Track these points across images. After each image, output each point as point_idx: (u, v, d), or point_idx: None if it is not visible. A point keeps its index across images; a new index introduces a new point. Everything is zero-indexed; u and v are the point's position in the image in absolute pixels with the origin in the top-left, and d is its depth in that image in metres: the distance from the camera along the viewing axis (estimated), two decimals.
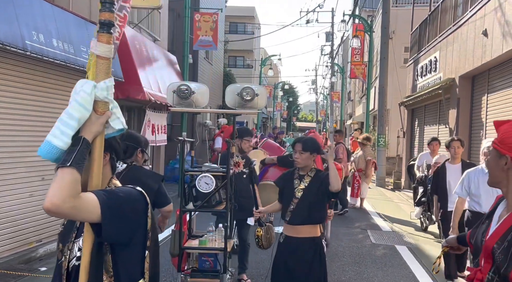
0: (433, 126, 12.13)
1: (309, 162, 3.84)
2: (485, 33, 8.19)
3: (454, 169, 5.56)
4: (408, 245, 7.35)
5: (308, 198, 3.75)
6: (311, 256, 3.71)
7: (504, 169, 1.75)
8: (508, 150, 1.73)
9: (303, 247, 3.75)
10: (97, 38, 1.59)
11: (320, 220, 3.83)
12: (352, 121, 32.53)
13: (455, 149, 5.54)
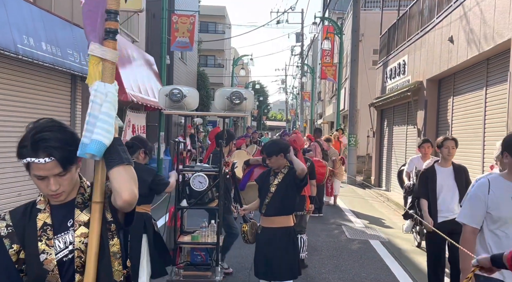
0: (402, 126, 12.71)
1: (280, 162, 4.24)
2: (451, 39, 8.74)
3: (445, 173, 4.76)
4: (380, 240, 7.80)
5: (281, 191, 4.17)
6: (284, 243, 4.14)
7: None
8: None
9: (277, 236, 4.16)
10: (103, 44, 1.81)
11: (291, 210, 4.26)
12: (323, 120, 33.22)
13: (449, 149, 4.71)
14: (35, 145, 1.56)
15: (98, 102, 1.72)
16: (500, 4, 6.72)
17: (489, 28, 7.06)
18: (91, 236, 1.64)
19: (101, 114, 1.70)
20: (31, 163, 1.56)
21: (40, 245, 1.62)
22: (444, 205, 4.70)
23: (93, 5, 1.84)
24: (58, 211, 1.68)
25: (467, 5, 8.04)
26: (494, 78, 7.35)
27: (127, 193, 1.59)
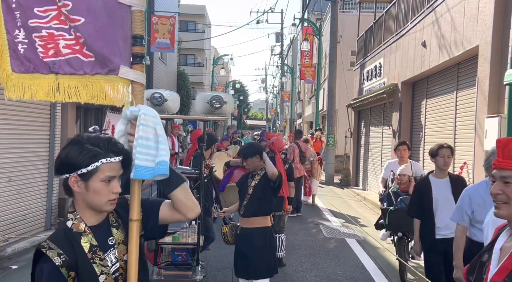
0: (378, 127, 13.04)
1: (256, 164, 4.39)
2: (424, 44, 9.06)
3: (441, 185, 4.25)
4: (356, 238, 8.05)
5: (257, 193, 4.32)
6: (261, 243, 4.29)
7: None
8: None
9: (255, 236, 4.31)
10: (133, 68, 1.96)
11: (268, 211, 4.39)
12: (302, 120, 33.55)
13: (444, 158, 4.18)
14: (108, 147, 1.66)
15: (150, 125, 1.82)
16: (468, 11, 7.03)
17: (459, 34, 7.37)
18: (130, 252, 1.73)
19: (160, 137, 1.83)
20: (104, 164, 1.64)
21: (96, 267, 1.64)
22: (441, 222, 4.16)
23: (103, 26, 1.93)
24: (99, 231, 1.71)
25: (438, 12, 8.35)
26: (464, 82, 7.67)
27: (196, 207, 1.83)
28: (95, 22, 1.97)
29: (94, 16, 1.98)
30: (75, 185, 1.63)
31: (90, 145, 1.64)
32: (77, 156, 1.61)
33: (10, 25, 2.00)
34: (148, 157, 1.81)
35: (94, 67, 1.97)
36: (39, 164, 7.35)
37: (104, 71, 1.96)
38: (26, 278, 1.79)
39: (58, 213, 7.87)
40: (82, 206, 1.68)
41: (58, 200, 7.84)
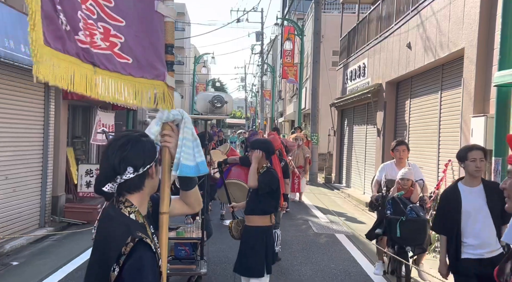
0: (362, 126, 13.36)
1: (257, 158, 4.38)
2: (409, 45, 9.37)
3: (474, 194, 3.53)
4: (345, 233, 8.30)
5: (255, 191, 4.38)
6: (253, 241, 4.34)
7: None
8: None
9: (250, 234, 4.40)
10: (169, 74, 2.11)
11: (265, 211, 4.37)
12: (284, 119, 33.82)
13: (476, 162, 3.48)
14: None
15: (190, 128, 1.99)
16: (454, 15, 7.34)
17: (444, 37, 7.68)
18: (161, 243, 1.87)
19: (197, 139, 2.01)
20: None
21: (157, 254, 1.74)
22: (475, 238, 3.46)
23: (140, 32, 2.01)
24: (148, 221, 1.82)
25: (424, 14, 8.66)
26: (448, 83, 7.99)
27: (201, 203, 2.14)
28: (134, 26, 2.02)
29: (132, 20, 2.02)
30: (154, 172, 1.77)
31: (143, 137, 1.80)
32: (149, 147, 1.77)
33: None
34: (191, 156, 1.97)
35: (135, 70, 2.00)
36: (33, 162, 7.35)
37: (150, 76, 2.03)
38: (27, 274, 1.86)
39: (52, 211, 7.87)
40: (145, 197, 1.78)
41: (51, 198, 7.84)
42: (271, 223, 4.42)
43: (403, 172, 5.20)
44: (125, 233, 1.60)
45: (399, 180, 5.19)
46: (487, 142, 5.78)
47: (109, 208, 1.75)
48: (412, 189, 5.21)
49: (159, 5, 2.10)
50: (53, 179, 7.84)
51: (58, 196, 8.04)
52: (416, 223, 4.83)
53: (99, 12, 1.87)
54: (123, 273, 1.54)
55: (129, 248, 1.55)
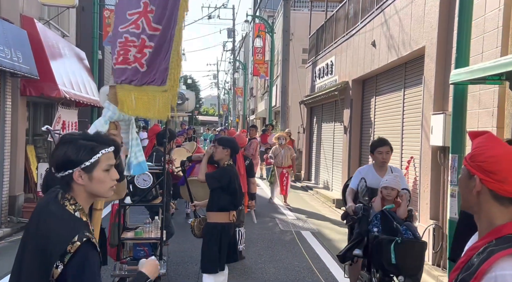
0: (330, 123, 13.46)
1: (222, 156, 4.41)
2: (374, 44, 9.46)
3: None
4: (311, 230, 8.34)
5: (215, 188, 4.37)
6: (208, 237, 4.35)
7: (473, 193, 1.47)
8: (478, 170, 1.45)
9: (207, 230, 4.41)
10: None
11: (221, 208, 4.35)
12: (255, 116, 33.80)
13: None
14: (101, 140, 1.78)
15: (135, 127, 2.07)
16: (415, 13, 7.44)
17: (406, 35, 7.78)
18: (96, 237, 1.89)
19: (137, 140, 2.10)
20: (104, 154, 1.75)
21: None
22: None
23: (168, 38, 2.07)
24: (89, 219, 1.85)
25: (387, 13, 8.76)
26: (411, 80, 8.11)
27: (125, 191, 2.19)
28: (168, 30, 2.05)
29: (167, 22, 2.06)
30: (79, 178, 1.72)
31: (85, 140, 1.75)
32: (76, 152, 1.71)
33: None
34: (134, 156, 2.00)
35: (147, 77, 2.06)
36: None
37: (158, 82, 2.07)
38: None
39: (9, 211, 7.60)
40: (84, 197, 1.77)
41: (8, 197, 7.57)
42: (230, 221, 4.38)
43: (388, 179, 4.24)
44: (71, 231, 1.62)
45: (382, 189, 4.23)
46: (445, 139, 5.88)
47: (49, 203, 1.74)
48: (398, 201, 4.23)
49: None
50: (10, 178, 7.57)
51: (16, 195, 7.77)
52: (415, 246, 3.86)
53: (145, 26, 2.00)
54: (67, 271, 1.57)
55: (75, 247, 1.59)
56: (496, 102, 5.04)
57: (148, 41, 1.98)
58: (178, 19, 2.00)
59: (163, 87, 1.99)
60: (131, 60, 1.97)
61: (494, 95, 5.11)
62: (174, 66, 1.99)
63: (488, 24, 5.30)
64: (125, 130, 2.14)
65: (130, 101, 2.00)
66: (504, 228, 1.44)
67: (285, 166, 10.85)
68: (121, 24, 1.99)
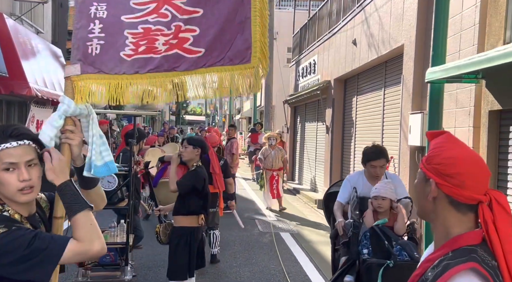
0: (313, 123, 13.33)
1: (191, 156, 4.23)
2: (355, 42, 9.35)
3: None
4: (290, 232, 8.19)
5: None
6: (176, 242, 4.16)
7: (429, 199, 1.32)
8: (434, 173, 1.30)
9: (173, 235, 4.22)
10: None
11: (190, 211, 4.13)
12: (241, 116, 33.63)
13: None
14: (5, 134, 1.57)
15: (97, 123, 1.91)
16: (394, 11, 7.33)
17: (386, 33, 7.67)
18: None
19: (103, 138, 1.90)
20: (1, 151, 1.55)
21: None
22: None
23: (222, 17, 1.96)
24: (33, 221, 1.68)
25: (368, 11, 8.64)
26: (390, 79, 8.00)
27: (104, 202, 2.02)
28: (216, 12, 1.92)
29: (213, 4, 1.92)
30: None
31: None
32: None
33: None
34: (99, 156, 1.85)
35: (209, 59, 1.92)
36: None
37: (236, 62, 1.93)
38: None
39: None
40: (5, 199, 1.61)
41: None
42: (199, 224, 4.19)
43: (378, 187, 3.64)
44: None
45: (372, 200, 3.64)
46: (423, 138, 5.77)
47: None
48: (394, 213, 3.61)
49: None
50: None
51: None
52: (411, 269, 2.92)
53: (174, 13, 1.89)
54: None
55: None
56: (473, 101, 4.94)
57: (184, 26, 1.88)
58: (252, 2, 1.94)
59: (248, 65, 1.92)
60: (160, 48, 1.88)
61: (470, 94, 5.00)
62: (258, 45, 1.93)
63: (465, 21, 5.20)
64: (87, 127, 1.93)
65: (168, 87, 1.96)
66: (461, 238, 1.30)
67: (276, 168, 10.20)
68: (125, 14, 1.89)
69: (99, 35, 1.89)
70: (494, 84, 4.55)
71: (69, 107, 1.83)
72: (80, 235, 1.58)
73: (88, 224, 1.60)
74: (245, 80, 1.94)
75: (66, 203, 1.62)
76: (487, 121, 4.67)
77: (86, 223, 1.60)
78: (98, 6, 1.91)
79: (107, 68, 1.89)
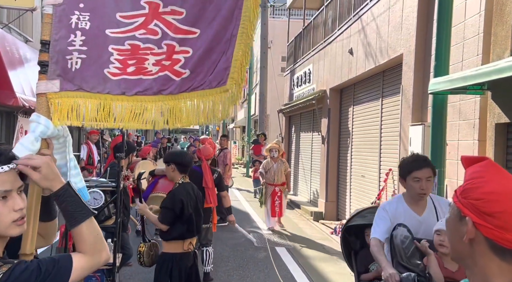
0: (308, 133, 13.13)
1: (170, 174, 3.92)
2: (351, 51, 9.17)
3: None
4: (287, 247, 7.92)
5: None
6: (158, 268, 3.90)
7: (465, 241, 1.08)
8: (471, 209, 1.07)
9: (159, 261, 3.92)
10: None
11: (175, 236, 3.79)
12: (235, 125, 33.42)
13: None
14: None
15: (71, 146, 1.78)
16: (393, 20, 7.17)
17: (384, 42, 7.50)
18: None
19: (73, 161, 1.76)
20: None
21: None
22: None
23: (214, 37, 1.90)
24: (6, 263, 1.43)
25: (364, 20, 8.48)
26: (389, 89, 7.81)
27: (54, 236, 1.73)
28: (211, 32, 1.78)
29: (209, 24, 1.79)
30: None
31: None
32: None
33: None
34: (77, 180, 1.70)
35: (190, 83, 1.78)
36: None
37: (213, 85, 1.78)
38: None
39: None
40: None
41: None
42: (185, 250, 3.84)
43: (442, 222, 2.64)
44: None
45: (435, 236, 2.71)
46: (424, 152, 5.56)
47: None
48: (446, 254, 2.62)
49: None
50: None
51: None
52: None
53: (165, 30, 1.73)
54: None
55: None
56: (478, 113, 4.74)
57: (179, 47, 1.74)
58: (242, 19, 1.82)
59: (223, 88, 1.79)
60: (151, 69, 1.72)
61: (475, 105, 4.80)
62: (237, 65, 1.79)
63: (468, 30, 5.01)
64: (60, 149, 1.74)
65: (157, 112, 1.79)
66: None
67: (278, 183, 9.12)
68: (110, 27, 1.71)
69: (81, 48, 1.69)
70: (500, 96, 4.36)
71: (48, 128, 1.63)
72: (86, 248, 1.38)
73: (94, 234, 1.42)
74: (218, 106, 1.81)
75: (68, 211, 1.41)
76: (493, 134, 4.46)
77: (93, 234, 1.41)
78: (81, 16, 1.70)
79: (88, 85, 1.69)
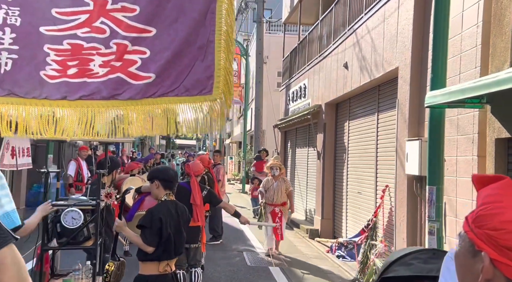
0: (304, 148, 12.93)
1: (154, 191, 3.67)
2: (346, 65, 9.03)
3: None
4: (280, 266, 7.65)
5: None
6: None
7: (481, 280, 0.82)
8: (487, 242, 0.82)
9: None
10: None
11: (149, 257, 3.51)
12: (231, 140, 33.24)
13: None
14: None
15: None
16: (388, 33, 7.03)
17: (379, 56, 7.35)
18: None
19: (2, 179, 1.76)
20: None
21: None
22: None
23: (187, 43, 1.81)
24: None
25: (359, 33, 8.35)
26: (384, 104, 7.64)
27: None
28: (172, 33, 1.64)
29: (169, 25, 1.64)
30: None
31: None
32: None
33: None
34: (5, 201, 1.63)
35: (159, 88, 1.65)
36: None
37: (194, 93, 1.68)
38: None
39: None
40: None
41: None
42: (160, 272, 3.52)
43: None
44: None
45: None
46: (422, 167, 5.36)
47: None
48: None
49: None
50: None
51: None
52: None
53: (115, 28, 1.61)
54: None
55: None
56: (477, 127, 4.55)
57: (131, 46, 1.60)
58: (217, 23, 1.66)
59: (209, 97, 1.69)
60: (97, 71, 1.58)
61: (473, 120, 4.61)
62: (222, 74, 1.67)
63: (465, 42, 4.86)
64: None
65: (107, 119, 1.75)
66: None
67: (278, 203, 8.47)
68: (45, 24, 1.53)
69: (11, 47, 1.48)
70: (500, 110, 4.17)
71: None
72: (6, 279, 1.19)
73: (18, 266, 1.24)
74: (205, 116, 1.68)
75: None
76: (493, 150, 4.26)
77: (13, 262, 1.23)
78: (9, 10, 1.50)
79: (21, 90, 1.48)
